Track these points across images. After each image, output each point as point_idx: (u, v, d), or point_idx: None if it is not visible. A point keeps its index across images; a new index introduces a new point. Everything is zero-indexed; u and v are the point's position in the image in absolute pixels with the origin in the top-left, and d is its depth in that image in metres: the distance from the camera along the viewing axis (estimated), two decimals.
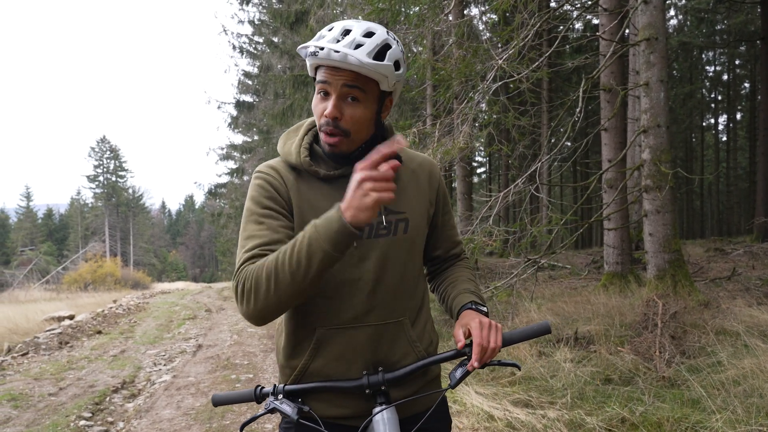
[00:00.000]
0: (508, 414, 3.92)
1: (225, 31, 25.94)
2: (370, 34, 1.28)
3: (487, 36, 9.68)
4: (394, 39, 1.34)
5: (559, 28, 8.80)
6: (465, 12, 12.06)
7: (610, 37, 8.64)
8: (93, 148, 67.08)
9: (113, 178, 67.04)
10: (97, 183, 66.48)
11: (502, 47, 7.96)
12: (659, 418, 3.59)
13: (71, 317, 13.27)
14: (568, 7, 11.47)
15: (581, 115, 7.12)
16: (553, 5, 13.08)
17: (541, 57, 7.74)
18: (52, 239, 71.04)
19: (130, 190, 69.91)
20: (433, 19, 8.44)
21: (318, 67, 1.34)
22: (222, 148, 30.83)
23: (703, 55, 33.10)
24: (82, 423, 5.00)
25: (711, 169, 37.56)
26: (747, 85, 32.99)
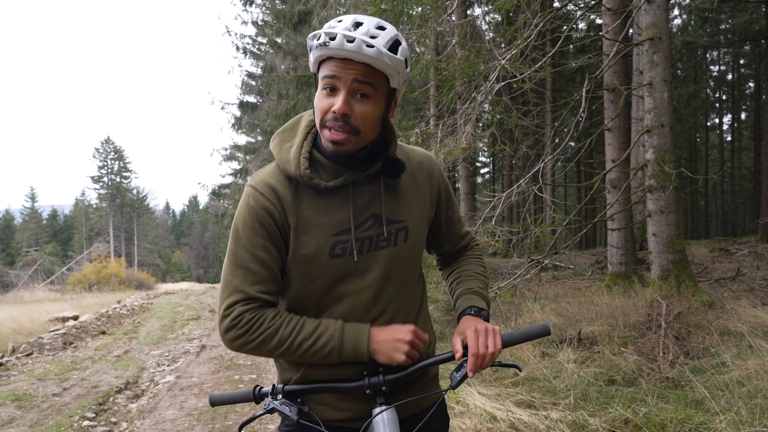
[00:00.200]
0: (511, 415, 3.91)
1: (228, 32, 26.06)
2: (382, 28, 1.24)
3: (490, 36, 9.66)
4: (399, 33, 1.30)
5: (563, 27, 8.79)
6: (468, 12, 12.05)
7: (614, 36, 8.61)
8: (97, 149, 67.34)
9: (117, 179, 67.24)
10: (101, 184, 66.69)
11: (506, 47, 7.95)
12: (663, 420, 3.57)
13: (75, 318, 13.31)
14: (571, 7, 11.45)
15: (584, 115, 7.11)
16: (557, 5, 13.04)
17: (544, 57, 7.73)
18: (56, 240, 71.28)
19: (135, 191, 70.09)
20: (435, 20, 8.44)
21: (323, 61, 1.26)
22: (225, 149, 30.89)
23: (707, 55, 32.96)
24: (86, 423, 5.01)
25: (715, 169, 37.44)
26: (752, 84, 32.84)
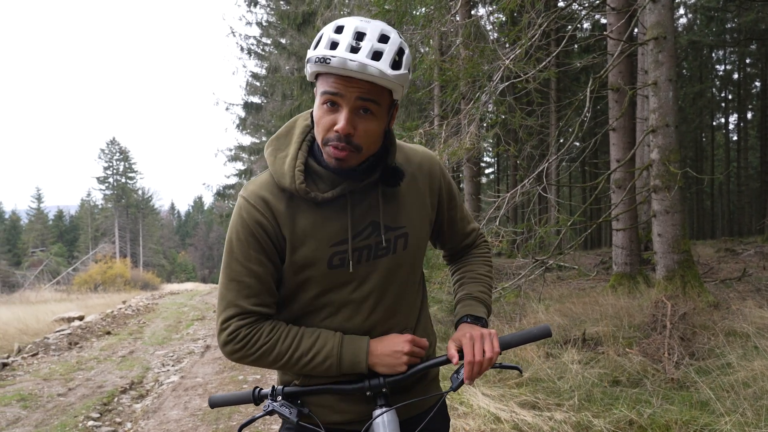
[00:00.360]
0: (515, 416, 3.90)
1: (233, 33, 26.14)
2: (385, 39, 1.18)
3: (495, 36, 9.65)
4: (402, 39, 1.26)
5: (567, 27, 8.77)
6: (472, 12, 12.03)
7: (618, 36, 8.58)
8: (103, 150, 67.62)
9: (123, 180, 67.49)
10: (107, 184, 66.97)
11: (510, 47, 7.93)
12: (667, 421, 3.56)
13: (81, 318, 13.37)
14: (575, 7, 11.43)
15: (589, 115, 7.09)
16: (561, 4, 13.02)
17: (548, 57, 7.71)
18: (62, 240, 71.59)
19: (140, 192, 70.36)
20: (439, 20, 8.42)
21: (322, 74, 1.22)
22: (230, 150, 30.94)
23: (713, 54, 32.82)
24: (90, 423, 5.03)
25: (721, 168, 37.25)
26: (758, 83, 32.68)
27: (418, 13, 8.82)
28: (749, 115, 35.89)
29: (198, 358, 8.27)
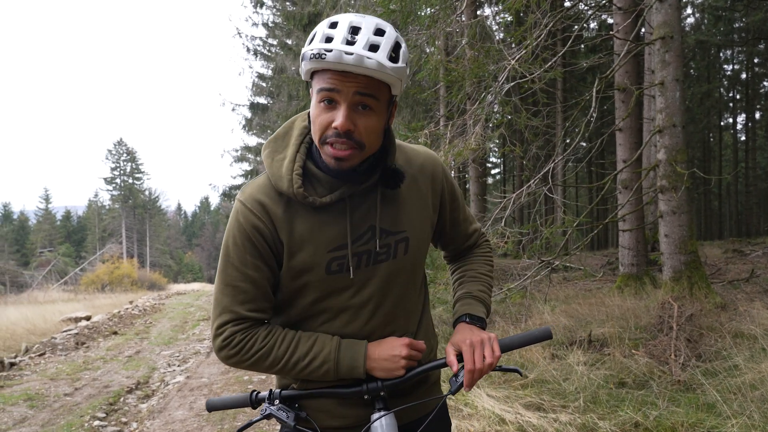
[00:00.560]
0: (520, 417, 3.89)
1: (239, 33, 26.12)
2: (381, 32, 1.14)
3: (500, 36, 9.62)
4: (398, 34, 1.22)
5: (574, 27, 8.74)
6: (478, 12, 12.01)
7: (625, 36, 8.54)
8: (110, 151, 68.02)
9: (130, 180, 67.83)
10: (114, 185, 67.33)
11: (516, 47, 7.91)
12: (673, 423, 3.53)
13: (88, 318, 13.44)
14: (582, 6, 11.38)
15: (595, 115, 7.06)
16: (567, 4, 12.98)
17: (554, 57, 7.68)
18: (70, 241, 71.99)
19: (147, 192, 70.65)
20: (445, 20, 8.41)
21: (318, 71, 1.18)
22: (236, 150, 30.94)
23: (720, 54, 32.61)
24: (96, 423, 5.05)
25: (729, 169, 37.02)
26: (766, 83, 32.53)
27: (424, 13, 8.82)
28: (757, 115, 35.64)
29: (204, 358, 8.29)
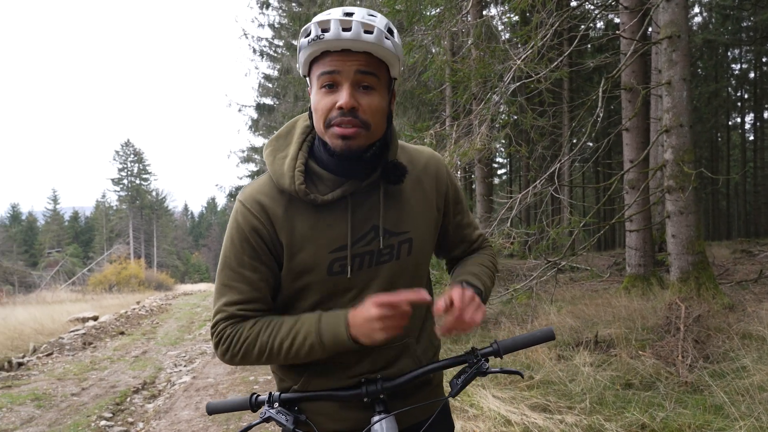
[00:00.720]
0: (526, 418, 3.87)
1: (245, 34, 26.27)
2: (373, 16, 1.17)
3: (506, 36, 9.60)
4: (388, 21, 1.23)
5: (580, 27, 8.70)
6: (483, 12, 11.99)
7: (631, 35, 8.51)
8: (117, 152, 68.39)
9: (137, 181, 68.18)
10: (121, 186, 67.70)
11: (522, 47, 7.88)
12: (681, 425, 3.51)
13: (95, 318, 13.51)
14: (588, 6, 11.33)
15: (601, 115, 7.02)
16: (574, 4, 12.93)
17: (560, 56, 7.66)
18: (78, 241, 72.42)
19: (154, 193, 70.99)
20: (450, 20, 8.40)
21: (317, 59, 1.18)
22: (243, 151, 31.02)
23: (728, 53, 32.41)
24: (103, 423, 5.07)
25: (737, 168, 36.80)
26: None
27: (429, 13, 8.80)
28: (766, 114, 35.39)
29: (210, 358, 8.31)
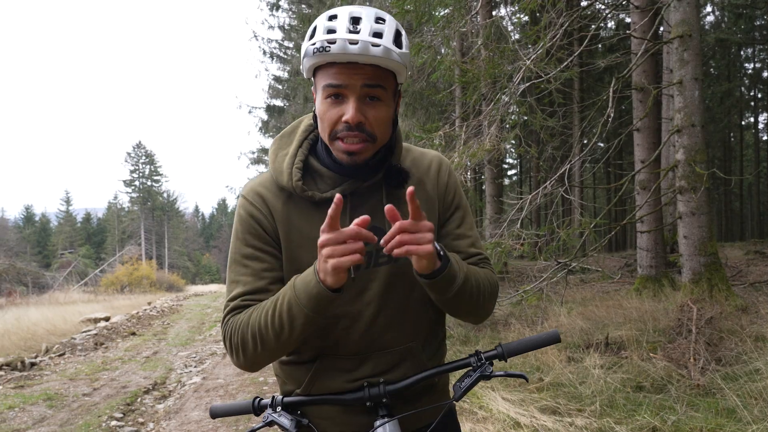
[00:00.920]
0: (535, 421, 3.85)
1: (256, 36, 26.39)
2: (381, 20, 1.13)
3: (516, 37, 9.56)
4: (397, 22, 1.19)
5: (590, 26, 8.66)
6: (493, 13, 11.95)
7: (642, 35, 8.45)
8: (129, 154, 69.01)
9: (149, 183, 68.71)
10: (133, 187, 68.25)
11: (531, 47, 7.85)
12: (692, 428, 3.47)
13: (107, 319, 13.61)
14: (599, 6, 11.28)
15: (612, 115, 6.98)
16: (584, 3, 12.87)
17: (570, 56, 7.62)
18: (90, 242, 73.07)
19: (165, 195, 71.50)
20: (460, 21, 8.38)
21: (322, 67, 1.16)
22: (253, 153, 31.14)
23: (741, 52, 32.09)
24: (114, 423, 5.10)
25: (750, 169, 36.41)
26: None
27: (439, 13, 8.78)
28: None
29: (220, 359, 8.35)
